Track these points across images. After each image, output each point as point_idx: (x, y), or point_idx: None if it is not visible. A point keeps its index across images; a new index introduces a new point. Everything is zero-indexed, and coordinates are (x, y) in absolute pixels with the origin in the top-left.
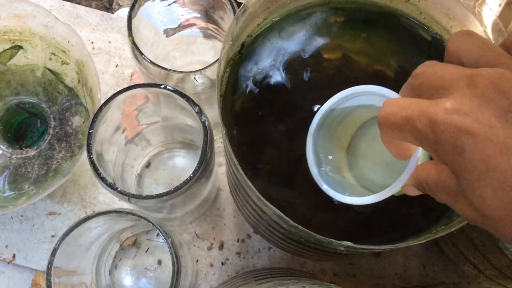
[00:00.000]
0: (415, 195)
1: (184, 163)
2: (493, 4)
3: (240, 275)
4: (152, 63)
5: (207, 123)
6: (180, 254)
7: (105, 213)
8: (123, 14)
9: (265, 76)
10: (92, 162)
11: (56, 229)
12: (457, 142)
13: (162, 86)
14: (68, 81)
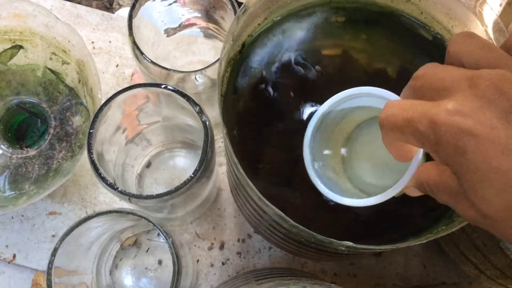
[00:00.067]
0: (416, 196)
1: (185, 163)
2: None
3: (241, 275)
4: (153, 63)
5: (208, 123)
6: (181, 254)
7: (106, 213)
8: (124, 14)
9: (266, 76)
10: (93, 162)
11: (57, 229)
12: (459, 143)
13: (163, 86)
14: (69, 81)
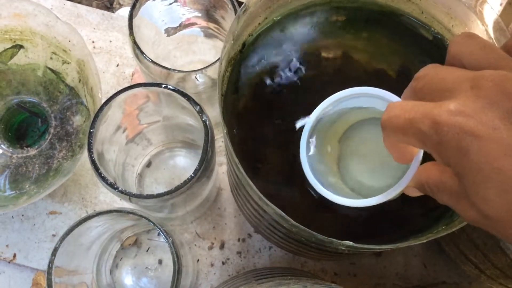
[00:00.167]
0: (415, 196)
1: (185, 163)
2: (495, 3)
3: (241, 275)
4: (153, 63)
5: (208, 123)
6: (181, 254)
7: (106, 213)
8: (124, 14)
9: (266, 75)
10: (93, 162)
11: (57, 229)
12: (461, 144)
13: (163, 86)
14: (69, 81)
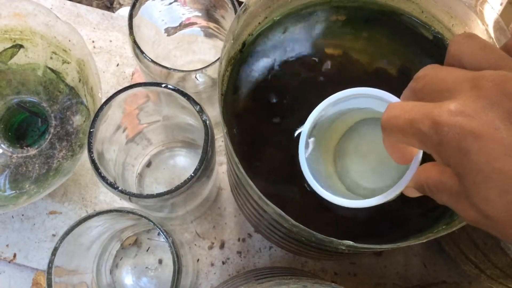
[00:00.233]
0: (414, 197)
1: (185, 162)
2: (495, 3)
3: (241, 275)
4: (153, 62)
5: (208, 122)
6: (181, 253)
7: (106, 212)
8: (124, 13)
9: (266, 75)
10: (93, 161)
11: (57, 228)
12: (462, 144)
13: (163, 85)
14: (69, 80)
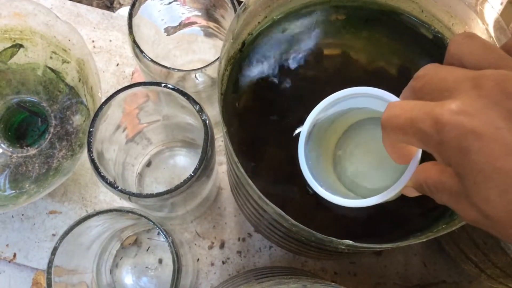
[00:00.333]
0: (413, 196)
1: (185, 162)
2: (495, 2)
3: (241, 274)
4: (153, 62)
5: (208, 122)
6: (181, 253)
7: (106, 212)
8: (124, 13)
9: (266, 74)
10: (93, 161)
11: (57, 228)
12: (463, 144)
13: (163, 85)
14: (69, 80)
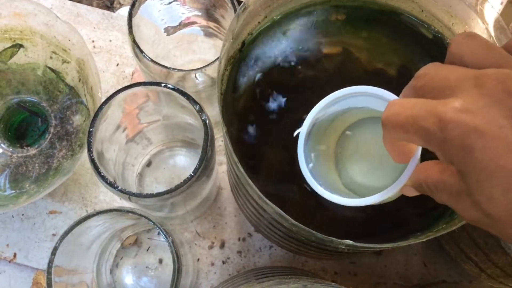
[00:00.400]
0: (412, 196)
1: (185, 162)
2: (495, 2)
3: (241, 274)
4: (153, 62)
5: (208, 122)
6: (181, 253)
7: (106, 212)
8: (124, 13)
9: (266, 74)
10: (93, 161)
11: (57, 228)
12: (466, 142)
13: (163, 85)
14: (69, 80)
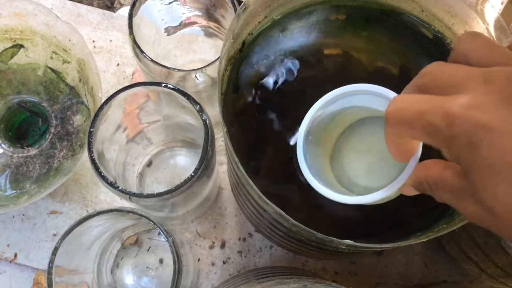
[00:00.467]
0: (411, 195)
1: (186, 162)
2: (496, 2)
3: (242, 274)
4: (153, 62)
5: (208, 122)
6: (182, 253)
7: (106, 212)
8: (125, 13)
9: (266, 74)
10: (93, 161)
11: (58, 228)
12: (473, 138)
13: (163, 85)
14: (69, 80)
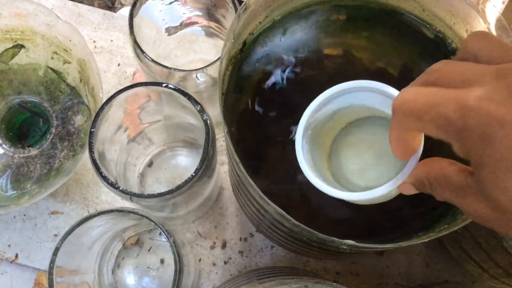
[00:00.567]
0: (410, 194)
1: (187, 162)
2: (497, 1)
3: (243, 274)
4: (154, 62)
5: (209, 122)
6: (183, 253)
7: (108, 212)
8: (125, 13)
9: (267, 74)
10: (94, 161)
11: (59, 228)
12: (486, 131)
13: (164, 85)
14: (70, 80)
